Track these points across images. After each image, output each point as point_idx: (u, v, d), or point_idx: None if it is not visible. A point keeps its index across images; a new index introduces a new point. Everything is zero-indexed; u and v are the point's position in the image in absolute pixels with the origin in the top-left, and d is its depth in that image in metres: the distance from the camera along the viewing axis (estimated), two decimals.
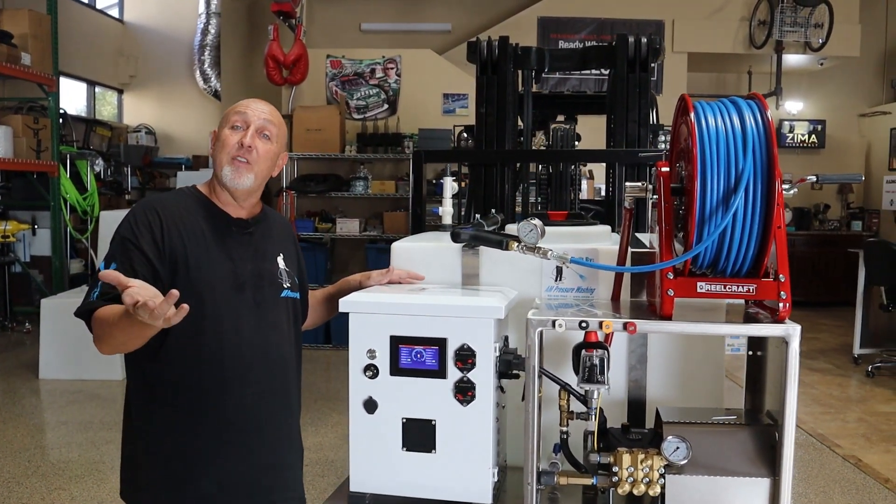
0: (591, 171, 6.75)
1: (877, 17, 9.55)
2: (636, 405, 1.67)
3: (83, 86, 9.95)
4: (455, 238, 1.64)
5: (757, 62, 9.21)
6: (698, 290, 1.33)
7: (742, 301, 1.52)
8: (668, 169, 1.41)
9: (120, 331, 1.44)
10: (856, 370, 6.24)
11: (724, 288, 1.33)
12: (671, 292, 1.32)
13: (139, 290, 1.30)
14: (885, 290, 5.98)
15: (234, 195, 1.67)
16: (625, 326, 1.33)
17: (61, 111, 7.56)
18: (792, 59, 8.91)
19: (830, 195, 10.06)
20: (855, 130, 10.18)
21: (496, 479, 1.47)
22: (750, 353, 1.57)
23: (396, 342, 1.45)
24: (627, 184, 1.48)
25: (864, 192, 10.08)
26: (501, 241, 1.54)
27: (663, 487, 1.36)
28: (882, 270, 6.00)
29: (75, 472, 3.93)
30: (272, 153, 1.67)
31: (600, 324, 1.34)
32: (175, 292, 1.29)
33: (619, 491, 1.37)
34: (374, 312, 1.47)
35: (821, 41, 8.31)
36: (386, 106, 7.72)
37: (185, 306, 1.32)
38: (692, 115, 1.32)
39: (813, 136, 10.01)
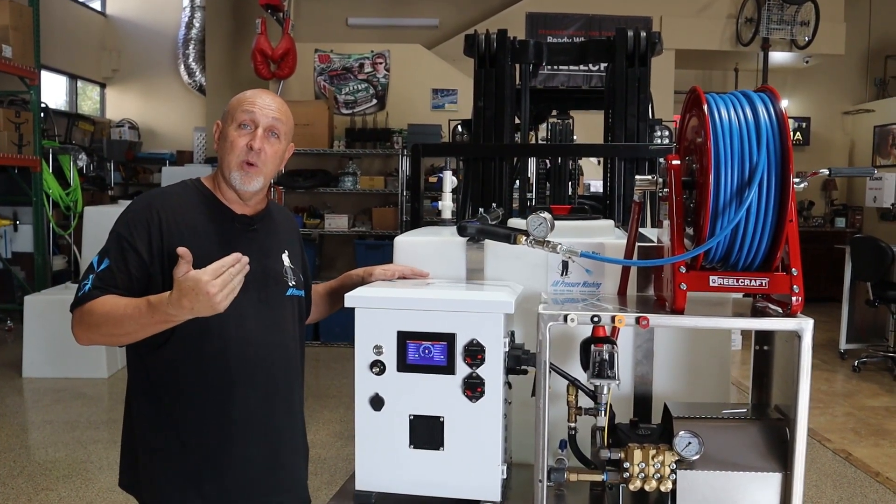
0: (580, 167, 6.75)
1: (861, 15, 9.64)
2: (643, 400, 1.66)
3: (63, 79, 9.80)
4: (462, 232, 1.62)
5: (743, 59, 9.26)
6: (711, 283, 1.32)
7: (739, 295, 1.52)
8: (678, 162, 1.39)
9: (132, 321, 1.43)
10: (842, 365, 6.30)
11: (737, 282, 1.32)
12: (684, 286, 1.31)
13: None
14: (871, 286, 6.04)
15: (241, 196, 1.64)
16: (638, 321, 1.31)
17: (43, 105, 7.43)
18: (778, 57, 8.97)
19: (814, 192, 10.15)
20: (839, 128, 10.28)
21: (505, 477, 1.45)
22: (757, 347, 1.57)
23: (404, 338, 1.42)
24: (637, 177, 1.47)
25: (847, 189, 10.19)
26: (509, 235, 1.52)
27: (675, 483, 1.35)
28: (868, 266, 6.06)
29: (62, 472, 3.86)
30: (280, 152, 1.65)
31: (613, 318, 1.32)
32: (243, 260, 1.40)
33: (631, 487, 1.36)
34: (380, 307, 1.44)
35: (807, 39, 8.37)
36: (374, 101, 7.67)
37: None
38: (705, 107, 1.30)
39: (798, 133, 10.09)
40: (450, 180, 2.19)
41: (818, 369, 6.15)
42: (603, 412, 1.43)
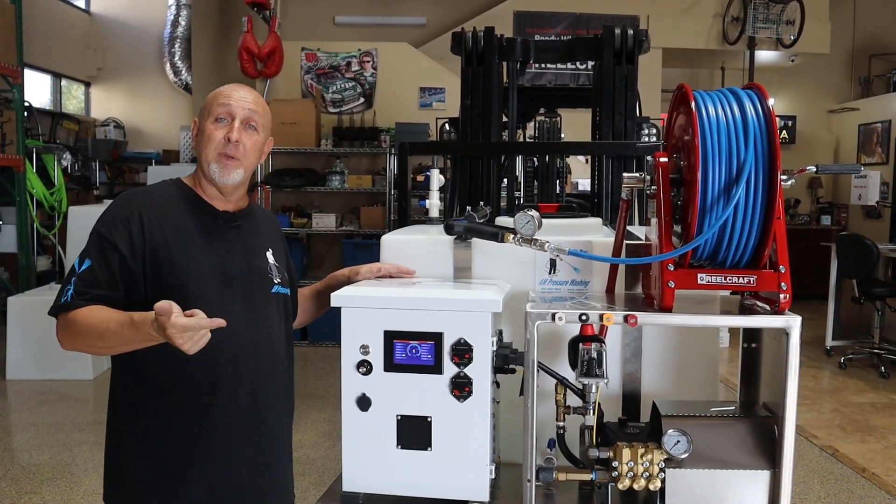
0: (568, 165, 6.75)
1: (845, 15, 9.71)
2: (631, 399, 1.65)
3: (47, 78, 9.68)
4: (449, 230, 1.61)
5: (730, 58, 9.31)
6: (699, 281, 1.31)
7: (725, 293, 1.52)
8: (666, 159, 1.39)
9: (116, 337, 1.42)
10: (828, 362, 6.34)
11: (725, 279, 1.31)
12: (672, 284, 1.30)
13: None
14: (856, 283, 6.09)
15: (221, 190, 1.62)
16: (626, 319, 1.31)
17: (26, 104, 7.34)
18: (764, 56, 9.02)
19: (800, 190, 10.23)
20: (824, 126, 10.35)
21: (493, 477, 1.44)
22: (744, 345, 1.56)
23: (391, 337, 1.41)
24: (625, 175, 1.46)
25: (832, 187, 10.26)
26: (497, 233, 1.51)
27: (663, 481, 1.34)
28: (854, 264, 6.10)
29: (47, 475, 3.81)
30: (259, 144, 1.63)
31: (601, 316, 1.31)
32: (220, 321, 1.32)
33: (619, 486, 1.35)
34: (367, 307, 1.43)
35: (792, 38, 8.42)
36: (362, 100, 7.64)
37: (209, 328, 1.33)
38: (693, 104, 1.30)
39: (783, 131, 10.16)
40: (437, 178, 2.18)
41: (805, 366, 6.19)
42: (591, 411, 1.42)
